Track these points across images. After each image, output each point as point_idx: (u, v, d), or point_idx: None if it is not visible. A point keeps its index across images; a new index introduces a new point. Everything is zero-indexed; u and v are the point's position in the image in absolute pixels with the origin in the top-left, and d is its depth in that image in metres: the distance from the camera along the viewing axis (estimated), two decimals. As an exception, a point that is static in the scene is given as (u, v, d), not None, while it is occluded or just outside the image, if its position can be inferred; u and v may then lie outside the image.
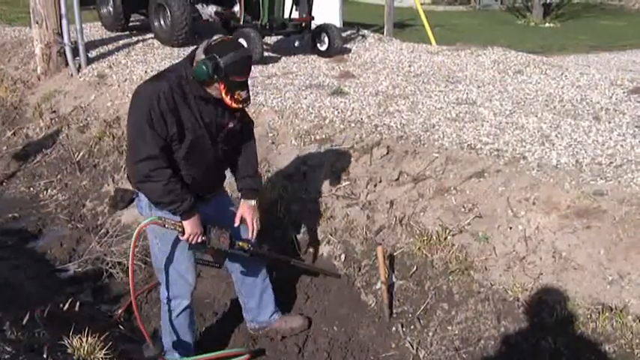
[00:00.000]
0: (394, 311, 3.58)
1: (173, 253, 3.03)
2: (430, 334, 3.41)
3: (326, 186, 4.33)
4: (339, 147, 4.61)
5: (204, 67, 2.67)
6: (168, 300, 3.15)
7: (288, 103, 5.45)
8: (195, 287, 3.22)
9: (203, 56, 2.70)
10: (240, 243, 3.15)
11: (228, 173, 3.29)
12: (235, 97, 2.77)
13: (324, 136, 4.80)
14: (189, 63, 2.79)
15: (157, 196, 2.82)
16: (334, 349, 3.47)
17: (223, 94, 2.76)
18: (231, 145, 3.06)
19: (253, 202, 3.18)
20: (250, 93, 2.90)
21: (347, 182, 4.30)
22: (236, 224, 3.14)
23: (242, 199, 3.18)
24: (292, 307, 3.77)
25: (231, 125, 2.97)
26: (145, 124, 2.68)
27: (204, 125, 2.86)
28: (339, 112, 5.18)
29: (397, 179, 4.15)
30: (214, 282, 3.98)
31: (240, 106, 2.84)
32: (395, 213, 3.96)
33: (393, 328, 3.49)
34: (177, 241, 2.99)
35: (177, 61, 3.02)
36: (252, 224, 3.16)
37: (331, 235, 4.09)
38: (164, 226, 2.92)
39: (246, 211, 3.15)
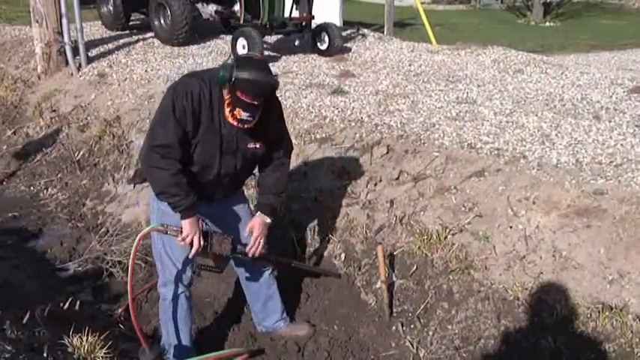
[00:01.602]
0: (394, 310, 3.58)
1: (171, 240, 3.02)
2: (430, 333, 3.41)
3: (326, 185, 4.33)
4: (339, 146, 4.61)
5: (221, 71, 2.72)
6: (162, 286, 3.17)
7: (288, 102, 5.44)
8: (191, 280, 3.20)
9: (231, 62, 2.77)
10: (242, 247, 3.14)
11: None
12: (235, 113, 2.74)
13: (324, 135, 4.80)
14: None
15: (161, 185, 2.81)
16: (334, 348, 3.47)
17: (226, 104, 2.77)
18: (247, 164, 3.03)
19: (268, 220, 3.11)
20: (254, 118, 2.78)
21: (347, 181, 4.30)
22: (246, 233, 3.13)
23: (258, 212, 3.13)
24: (292, 306, 3.76)
25: (250, 146, 2.94)
26: (171, 113, 2.74)
27: (219, 136, 2.85)
28: (339, 112, 5.17)
29: (397, 178, 4.15)
30: (214, 282, 3.98)
31: (235, 123, 2.77)
32: (395, 212, 3.96)
33: (393, 328, 3.50)
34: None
35: (177, 60, 3.02)
36: (257, 241, 3.10)
37: (331, 234, 4.09)
38: (166, 232, 2.92)
39: (257, 226, 3.09)
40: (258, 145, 2.97)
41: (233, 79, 2.66)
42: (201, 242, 2.91)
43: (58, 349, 2.79)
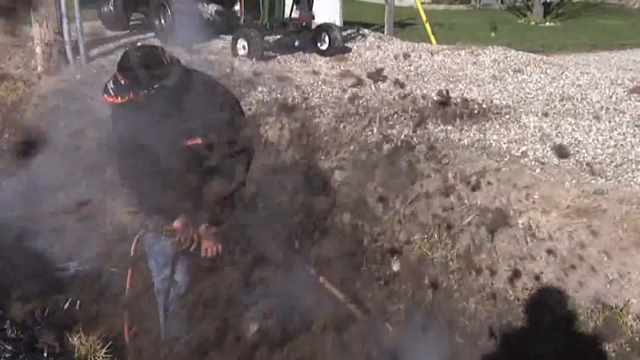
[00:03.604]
0: (394, 309, 3.57)
1: (156, 248, 3.04)
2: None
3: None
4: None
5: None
6: (156, 293, 3.17)
7: (288, 102, 5.44)
8: (186, 289, 3.15)
9: None
10: None
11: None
12: (106, 90, 2.60)
13: (324, 135, 4.80)
14: None
15: (139, 198, 2.83)
16: (335, 347, 3.45)
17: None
18: (200, 165, 2.83)
19: (210, 229, 2.90)
20: (117, 97, 2.59)
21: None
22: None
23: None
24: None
25: (189, 142, 2.76)
26: (114, 129, 2.76)
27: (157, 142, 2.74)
28: (339, 111, 5.17)
29: (397, 177, 4.15)
30: (214, 281, 3.97)
31: (110, 99, 2.60)
32: (394, 211, 3.96)
33: (392, 327, 3.49)
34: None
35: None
36: (209, 250, 2.94)
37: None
38: (162, 233, 2.89)
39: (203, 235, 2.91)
40: (199, 141, 2.76)
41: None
42: (197, 240, 2.88)
43: (58, 349, 2.78)
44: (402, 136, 4.53)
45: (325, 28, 7.55)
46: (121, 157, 2.80)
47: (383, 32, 9.85)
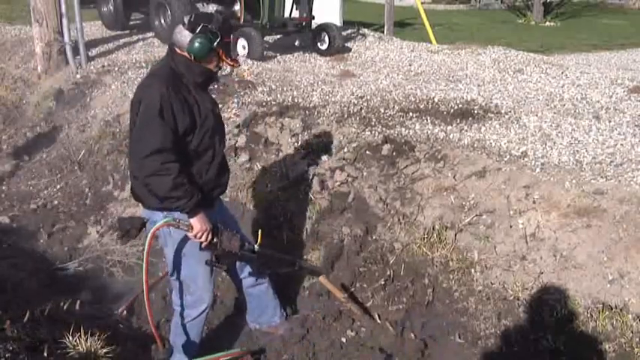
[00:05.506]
0: (394, 309, 3.57)
1: (191, 265, 2.99)
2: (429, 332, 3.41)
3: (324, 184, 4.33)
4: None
5: (202, 41, 2.68)
6: (180, 307, 3.12)
7: (288, 102, 5.44)
8: (210, 304, 3.16)
9: (189, 36, 2.70)
10: (249, 245, 3.12)
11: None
12: (232, 56, 2.82)
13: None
14: (173, 55, 2.81)
15: (165, 191, 2.70)
16: (335, 347, 3.46)
17: (224, 58, 2.79)
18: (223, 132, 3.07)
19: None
20: None
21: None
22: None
23: None
24: (294, 306, 3.76)
25: (217, 111, 2.99)
26: (157, 118, 2.64)
27: (211, 112, 2.87)
28: (339, 111, 5.17)
29: (396, 177, 4.15)
30: (216, 282, 3.97)
31: (237, 64, 2.91)
32: (394, 211, 3.96)
33: (392, 327, 3.49)
34: (194, 252, 2.93)
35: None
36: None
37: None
38: (178, 227, 2.84)
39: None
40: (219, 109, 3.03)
41: (218, 32, 2.70)
42: (213, 238, 2.86)
43: (58, 349, 2.78)
44: (403, 136, 4.53)
45: (325, 27, 7.55)
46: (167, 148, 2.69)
47: (383, 32, 9.86)
